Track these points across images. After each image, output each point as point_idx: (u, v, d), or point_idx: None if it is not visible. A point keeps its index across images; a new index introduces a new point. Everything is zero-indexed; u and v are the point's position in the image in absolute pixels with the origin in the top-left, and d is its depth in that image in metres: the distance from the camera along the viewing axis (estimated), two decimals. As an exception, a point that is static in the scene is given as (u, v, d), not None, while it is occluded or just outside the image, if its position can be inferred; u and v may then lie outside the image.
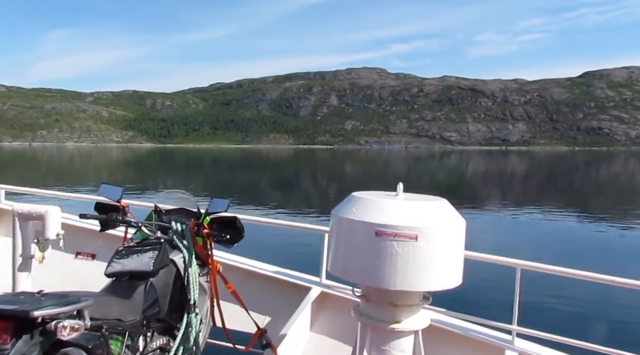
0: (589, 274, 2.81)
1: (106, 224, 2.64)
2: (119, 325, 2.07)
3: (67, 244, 3.71)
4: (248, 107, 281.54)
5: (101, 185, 2.71)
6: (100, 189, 2.68)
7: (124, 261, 2.29)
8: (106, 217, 2.60)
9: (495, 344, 2.89)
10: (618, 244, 15.15)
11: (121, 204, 2.64)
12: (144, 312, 2.21)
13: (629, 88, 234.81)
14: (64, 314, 1.78)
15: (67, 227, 3.80)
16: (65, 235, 3.66)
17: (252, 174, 50.31)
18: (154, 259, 2.28)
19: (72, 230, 3.93)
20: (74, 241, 3.87)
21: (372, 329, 2.32)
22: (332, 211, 2.38)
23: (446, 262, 2.20)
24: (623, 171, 65.08)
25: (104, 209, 2.64)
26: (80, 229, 4.09)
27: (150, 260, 2.28)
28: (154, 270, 2.27)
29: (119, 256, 2.31)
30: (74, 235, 3.91)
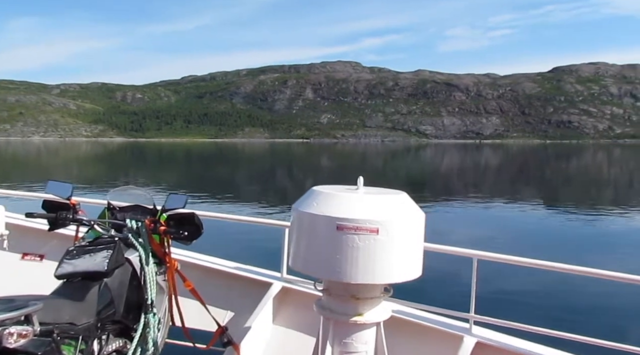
0: (544, 263, 2.92)
1: (55, 223, 2.50)
2: (72, 329, 1.98)
3: (13, 245, 3.56)
4: (222, 100, 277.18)
5: (48, 182, 2.60)
6: (48, 186, 2.57)
7: (76, 261, 2.19)
8: (55, 216, 2.47)
9: (453, 332, 2.97)
10: (583, 234, 15.56)
11: (71, 201, 2.52)
12: (98, 314, 2.12)
13: (596, 83, 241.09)
14: (10, 320, 1.70)
15: (13, 227, 3.66)
16: (10, 235, 3.49)
17: (224, 168, 49.10)
18: (108, 259, 2.20)
19: (18, 231, 3.78)
20: (20, 242, 3.73)
21: (334, 322, 2.33)
22: (293, 206, 2.38)
23: (406, 255, 2.23)
24: (592, 164, 66.72)
25: (53, 207, 2.51)
26: (27, 229, 3.86)
27: (104, 260, 2.19)
28: (108, 270, 2.18)
29: (70, 256, 2.21)
30: (20, 236, 3.76)
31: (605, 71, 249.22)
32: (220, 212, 5.08)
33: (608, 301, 7.76)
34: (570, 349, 2.79)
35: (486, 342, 2.89)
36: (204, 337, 2.87)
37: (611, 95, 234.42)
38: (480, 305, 2.92)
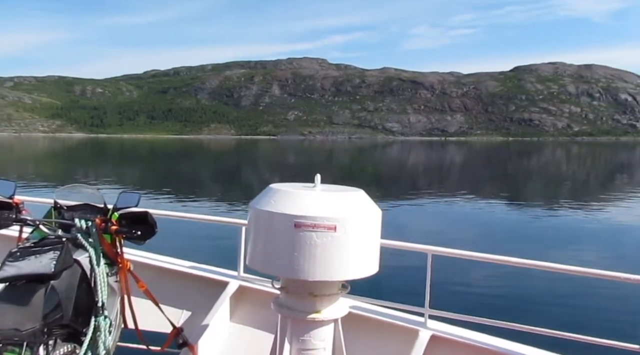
0: (496, 257, 2.98)
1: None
2: (16, 335, 1.90)
3: None
4: (187, 95, 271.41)
5: None
6: None
7: (20, 264, 2.09)
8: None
9: (409, 326, 3.03)
10: (540, 228, 15.93)
11: (14, 200, 2.41)
12: (45, 318, 2.02)
13: (555, 82, 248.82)
14: None
15: None
16: None
17: (187, 165, 48.07)
18: (55, 260, 2.10)
19: None
20: None
21: (292, 320, 2.34)
22: (250, 204, 2.37)
23: (363, 251, 2.26)
24: (551, 161, 68.64)
25: None
26: None
27: (51, 261, 2.09)
28: (55, 271, 2.08)
29: (13, 258, 2.11)
30: None
31: (563, 71, 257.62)
32: (177, 210, 4.45)
33: (558, 293, 7.98)
34: (523, 340, 2.88)
35: (441, 335, 2.96)
36: (159, 338, 2.83)
37: (569, 95, 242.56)
38: (435, 299, 3.00)
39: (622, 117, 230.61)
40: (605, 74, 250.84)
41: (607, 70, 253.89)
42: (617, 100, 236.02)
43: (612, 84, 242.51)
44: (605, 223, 17.50)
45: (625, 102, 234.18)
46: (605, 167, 55.20)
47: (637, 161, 67.22)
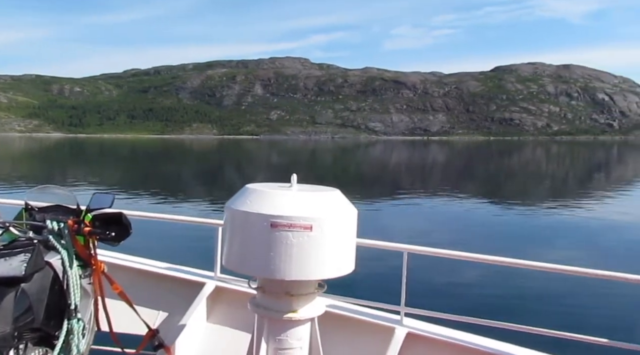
0: (471, 255, 3.05)
1: None
2: None
3: None
4: (168, 95, 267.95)
5: None
6: None
7: None
8: None
9: (385, 324, 3.05)
10: (519, 226, 16.28)
11: None
12: (15, 321, 1.98)
13: (535, 82, 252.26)
14: None
15: None
16: None
17: (167, 165, 47.44)
18: (26, 262, 2.05)
19: None
20: None
21: (268, 320, 2.34)
22: (226, 204, 2.36)
23: (340, 251, 2.26)
24: (532, 159, 69.50)
25: None
26: None
27: (22, 264, 2.04)
28: (26, 274, 2.03)
29: None
30: None
31: (542, 71, 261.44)
32: (156, 210, 4.09)
33: (532, 290, 8.16)
34: (498, 336, 2.92)
35: (417, 333, 2.98)
36: (134, 341, 2.81)
37: (548, 94, 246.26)
38: (411, 297, 3.04)
39: (600, 117, 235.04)
40: (583, 74, 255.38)
41: (584, 71, 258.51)
42: (594, 100, 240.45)
43: (590, 84, 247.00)
44: (583, 221, 17.73)
45: (602, 102, 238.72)
46: (584, 166, 55.99)
47: (614, 160, 68.43)
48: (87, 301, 2.44)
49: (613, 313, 7.48)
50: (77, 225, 2.32)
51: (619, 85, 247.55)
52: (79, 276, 2.30)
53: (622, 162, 64.74)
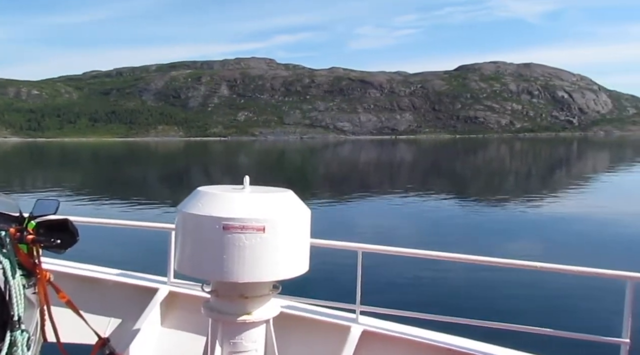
0: (424, 252, 3.11)
1: None
2: None
3: None
4: (131, 97, 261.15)
5: None
6: None
7: None
8: None
9: (341, 323, 3.08)
10: (481, 222, 16.62)
11: None
12: None
13: (498, 81, 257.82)
14: None
15: None
16: None
17: (128, 169, 45.91)
18: None
19: None
20: None
21: (222, 323, 2.32)
22: (177, 207, 2.34)
23: (293, 251, 2.26)
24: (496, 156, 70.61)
25: None
26: None
27: None
28: None
29: None
30: None
31: (504, 70, 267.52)
32: (110, 215, 4.14)
33: (486, 285, 8.44)
34: (452, 331, 3.00)
35: (372, 330, 3.02)
36: (84, 351, 2.77)
37: (511, 93, 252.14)
38: (366, 295, 3.08)
39: (560, 114, 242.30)
40: (542, 72, 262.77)
41: (544, 69, 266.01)
42: (554, 97, 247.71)
43: (550, 82, 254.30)
44: (542, 215, 18.01)
45: (562, 100, 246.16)
46: (546, 163, 57.12)
47: (574, 156, 70.18)
48: (32, 312, 2.36)
49: (564, 304, 7.82)
50: (19, 233, 2.24)
51: (577, 83, 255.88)
52: (22, 286, 2.21)
53: (582, 158, 66.40)
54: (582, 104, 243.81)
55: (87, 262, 3.68)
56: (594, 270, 2.85)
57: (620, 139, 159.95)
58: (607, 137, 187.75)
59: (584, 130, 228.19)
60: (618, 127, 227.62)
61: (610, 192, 25.86)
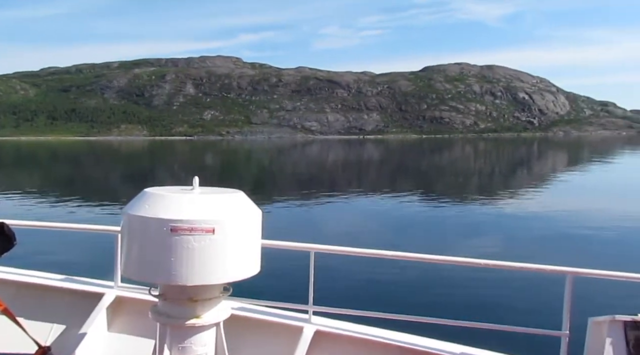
0: (375, 252, 3.14)
1: None
2: None
3: None
4: (92, 94, 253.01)
5: None
6: None
7: None
8: None
9: (293, 323, 3.08)
10: (442, 221, 16.83)
11: None
12: None
13: (462, 82, 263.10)
14: None
15: None
16: None
17: (85, 169, 44.02)
18: None
19: None
20: None
21: (171, 327, 2.27)
22: (123, 209, 2.29)
23: (244, 253, 2.24)
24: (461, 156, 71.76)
25: None
26: None
27: None
28: None
29: None
30: None
31: (468, 71, 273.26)
32: (53, 219, 4.05)
33: (436, 282, 8.64)
34: (404, 329, 3.06)
35: (325, 330, 3.03)
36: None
37: (475, 93, 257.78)
38: (319, 296, 3.10)
39: (521, 115, 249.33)
40: (504, 74, 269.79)
41: (506, 71, 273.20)
42: (516, 98, 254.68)
43: (511, 84, 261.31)
44: (500, 214, 18.45)
45: (523, 101, 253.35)
46: (508, 162, 58.39)
47: (535, 156, 72.08)
48: None
49: (509, 300, 8.00)
50: None
51: (537, 85, 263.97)
52: None
53: (542, 157, 68.13)
54: (542, 105, 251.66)
55: (28, 267, 3.56)
56: (536, 266, 2.92)
57: (577, 139, 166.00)
58: (566, 137, 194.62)
59: (544, 130, 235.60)
60: (576, 127, 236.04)
61: (564, 191, 26.62)
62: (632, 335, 2.43)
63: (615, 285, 6.92)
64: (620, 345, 2.44)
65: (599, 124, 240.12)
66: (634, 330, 2.44)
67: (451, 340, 2.97)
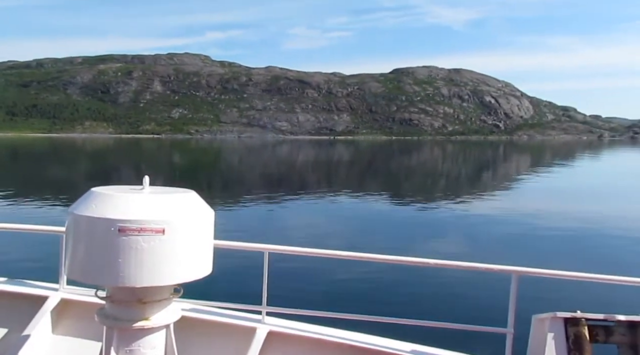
0: (330, 252, 3.16)
1: None
2: None
3: None
4: (54, 90, 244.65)
5: None
6: None
7: None
8: None
9: (246, 324, 3.07)
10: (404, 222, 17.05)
11: None
12: None
13: (430, 84, 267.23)
14: None
15: None
16: None
17: (41, 167, 42.19)
18: None
19: None
20: None
21: (118, 330, 2.24)
22: (69, 209, 2.24)
23: (195, 253, 2.20)
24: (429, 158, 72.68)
25: None
26: None
27: None
28: None
29: None
30: None
31: (436, 74, 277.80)
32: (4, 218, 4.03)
33: (389, 282, 8.76)
34: (358, 328, 3.09)
35: (278, 330, 3.03)
36: None
37: (443, 96, 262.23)
38: (274, 296, 3.11)
39: (488, 118, 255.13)
40: (471, 78, 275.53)
41: (473, 75, 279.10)
42: (482, 102, 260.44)
43: (478, 88, 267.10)
44: (466, 215, 18.70)
45: (489, 104, 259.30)
46: (474, 164, 59.41)
47: (500, 159, 73.70)
48: None
49: (457, 298, 8.18)
50: None
51: (502, 89, 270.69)
52: None
53: (507, 160, 69.68)
54: (507, 109, 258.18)
55: None
56: (484, 266, 2.99)
57: (541, 142, 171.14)
58: (530, 141, 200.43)
59: (510, 134, 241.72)
60: (539, 131, 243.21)
61: (525, 194, 27.20)
62: (571, 331, 2.52)
63: (558, 284, 7.46)
64: (561, 340, 2.51)
65: (561, 128, 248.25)
66: (573, 326, 2.52)
67: (402, 339, 3.03)
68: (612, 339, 2.55)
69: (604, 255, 12.32)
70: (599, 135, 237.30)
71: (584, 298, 7.03)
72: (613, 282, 2.93)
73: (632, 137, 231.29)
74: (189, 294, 2.47)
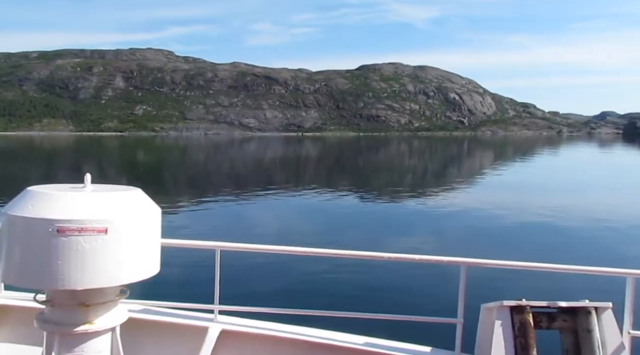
0: (282, 248, 3.16)
1: None
2: None
3: None
4: (8, 86, 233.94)
5: None
6: None
7: None
8: None
9: (198, 324, 3.04)
10: (366, 217, 16.96)
11: None
12: None
13: (396, 81, 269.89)
14: None
15: None
16: None
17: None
18: None
19: None
20: None
21: (60, 335, 2.15)
22: (3, 209, 2.15)
23: (141, 253, 2.14)
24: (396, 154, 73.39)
25: None
26: None
27: None
28: None
29: None
30: None
31: (402, 71, 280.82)
32: None
33: (342, 277, 8.84)
34: (311, 323, 3.13)
35: (231, 329, 3.02)
36: None
37: (409, 93, 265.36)
38: (226, 294, 3.09)
39: (453, 114, 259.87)
40: (436, 75, 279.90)
41: (437, 72, 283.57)
42: (447, 99, 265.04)
43: (443, 84, 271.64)
44: (426, 209, 18.94)
45: (454, 101, 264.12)
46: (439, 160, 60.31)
47: (465, 154, 75.18)
48: None
49: (409, 291, 8.37)
50: None
51: (466, 86, 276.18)
52: None
53: (471, 156, 71.06)
54: (471, 105, 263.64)
55: None
56: (433, 258, 3.05)
57: (503, 138, 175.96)
58: (493, 136, 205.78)
59: (474, 130, 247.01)
60: (502, 127, 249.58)
61: (486, 188, 27.97)
62: (517, 318, 2.63)
63: (505, 273, 7.74)
64: (508, 328, 2.61)
65: (522, 125, 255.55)
66: (518, 314, 2.63)
67: (356, 332, 3.07)
68: (555, 324, 2.67)
69: (552, 244, 12.70)
70: (558, 130, 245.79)
71: (530, 286, 7.19)
72: (556, 270, 3.07)
73: (589, 132, 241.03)
74: (137, 294, 2.42)
